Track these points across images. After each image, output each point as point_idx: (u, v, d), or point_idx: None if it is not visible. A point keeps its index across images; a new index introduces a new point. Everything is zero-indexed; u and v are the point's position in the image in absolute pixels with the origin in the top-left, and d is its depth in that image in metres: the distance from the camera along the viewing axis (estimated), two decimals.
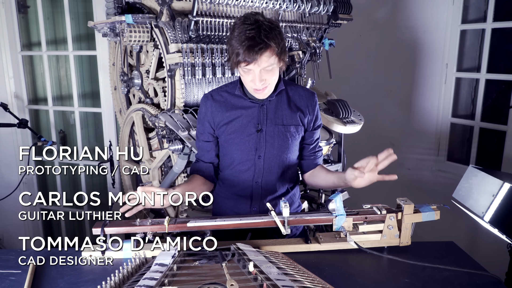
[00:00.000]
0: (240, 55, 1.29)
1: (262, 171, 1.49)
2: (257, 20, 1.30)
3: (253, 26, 1.29)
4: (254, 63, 1.30)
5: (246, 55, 1.28)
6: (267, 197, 1.51)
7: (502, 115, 2.71)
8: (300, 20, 2.32)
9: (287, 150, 1.50)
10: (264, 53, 1.29)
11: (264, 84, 1.37)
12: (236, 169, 1.51)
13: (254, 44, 1.27)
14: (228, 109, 1.48)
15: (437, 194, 2.91)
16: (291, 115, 1.49)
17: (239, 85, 1.47)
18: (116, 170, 2.85)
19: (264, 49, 1.29)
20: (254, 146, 1.47)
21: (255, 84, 1.37)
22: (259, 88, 1.38)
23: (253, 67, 1.32)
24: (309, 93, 1.55)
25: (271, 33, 1.30)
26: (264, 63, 1.31)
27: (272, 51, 1.31)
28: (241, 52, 1.29)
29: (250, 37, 1.27)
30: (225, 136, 1.49)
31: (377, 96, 3.34)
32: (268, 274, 0.94)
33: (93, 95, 3.25)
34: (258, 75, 1.34)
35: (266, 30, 1.29)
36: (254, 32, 1.28)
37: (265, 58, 1.30)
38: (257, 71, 1.33)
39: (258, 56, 1.28)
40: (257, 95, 1.43)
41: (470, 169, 1.41)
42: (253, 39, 1.27)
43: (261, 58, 1.29)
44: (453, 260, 1.27)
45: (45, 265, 1.24)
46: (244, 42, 1.28)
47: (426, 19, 2.98)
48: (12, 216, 3.20)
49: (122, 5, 2.06)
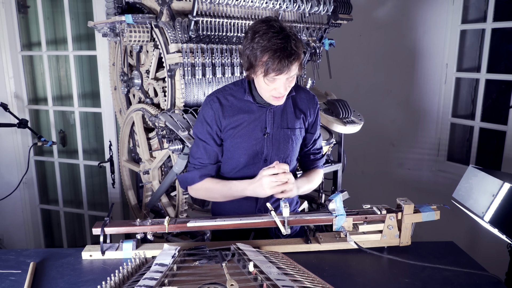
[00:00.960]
0: (271, 65, 1.26)
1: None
2: (282, 28, 1.27)
3: (281, 35, 1.25)
4: (284, 73, 1.28)
5: (278, 66, 1.25)
6: (272, 199, 1.52)
7: (502, 115, 2.71)
8: (300, 20, 2.32)
9: (292, 153, 1.52)
10: (295, 63, 1.28)
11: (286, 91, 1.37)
12: (241, 172, 1.50)
13: (288, 55, 1.24)
14: (235, 114, 1.45)
15: (437, 194, 2.91)
16: (295, 117, 1.51)
17: (248, 90, 1.44)
18: (116, 170, 2.85)
19: (296, 59, 1.28)
20: (261, 150, 1.47)
21: (278, 93, 1.34)
22: (282, 95, 1.37)
23: (281, 77, 1.30)
24: (310, 95, 1.57)
25: (298, 41, 1.28)
26: (293, 72, 1.30)
27: (300, 59, 1.30)
28: (274, 63, 1.25)
29: (281, 48, 1.24)
30: (231, 140, 1.47)
31: (377, 96, 3.34)
32: (268, 274, 0.95)
33: (93, 95, 3.25)
34: (284, 84, 1.33)
35: (294, 39, 1.27)
36: (284, 41, 1.24)
37: (294, 68, 1.30)
38: (283, 79, 1.32)
39: (291, 65, 1.27)
40: (275, 102, 1.40)
41: (470, 169, 1.41)
42: (285, 50, 1.24)
43: (291, 68, 1.28)
44: (453, 260, 1.27)
45: (45, 265, 1.24)
46: (276, 53, 1.24)
47: (426, 19, 2.99)
48: (12, 216, 3.21)
49: (122, 5, 2.06)
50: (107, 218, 1.30)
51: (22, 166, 3.12)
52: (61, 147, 3.31)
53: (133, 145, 2.40)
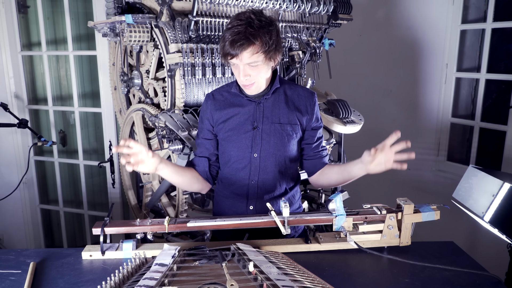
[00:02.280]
0: (224, 47, 1.34)
1: (258, 169, 1.50)
2: (249, 17, 1.33)
3: (243, 21, 1.32)
4: (236, 58, 1.34)
5: (229, 48, 1.33)
6: (264, 197, 1.51)
7: (502, 115, 2.71)
8: (300, 20, 2.32)
9: (283, 149, 1.50)
10: (246, 49, 1.32)
11: (249, 80, 1.40)
12: (233, 167, 1.52)
13: (237, 39, 1.31)
14: (226, 107, 1.51)
15: (437, 194, 2.91)
16: (288, 114, 1.50)
17: (235, 83, 1.51)
18: (116, 170, 2.85)
19: (246, 45, 1.31)
20: (250, 144, 1.48)
21: (239, 79, 1.41)
22: (244, 83, 1.41)
23: (236, 61, 1.36)
24: (309, 93, 1.55)
25: (259, 30, 1.32)
26: (247, 59, 1.34)
27: (255, 48, 1.33)
28: (225, 45, 1.33)
29: (236, 32, 1.31)
30: (223, 134, 1.51)
31: (377, 96, 3.34)
32: (268, 274, 0.94)
33: (93, 95, 3.25)
34: (242, 70, 1.37)
35: (254, 27, 1.31)
36: (241, 27, 1.31)
37: (246, 54, 1.33)
38: (241, 66, 1.36)
39: (239, 51, 1.32)
40: (246, 90, 1.47)
41: (470, 169, 1.41)
42: (237, 34, 1.31)
43: (242, 53, 1.33)
44: (453, 260, 1.27)
45: (45, 265, 1.24)
46: (229, 36, 1.32)
47: (426, 19, 2.98)
48: (12, 216, 3.21)
49: (122, 5, 2.06)
50: (107, 218, 1.30)
51: (22, 166, 3.12)
52: (61, 147, 3.31)
53: None
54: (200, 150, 1.58)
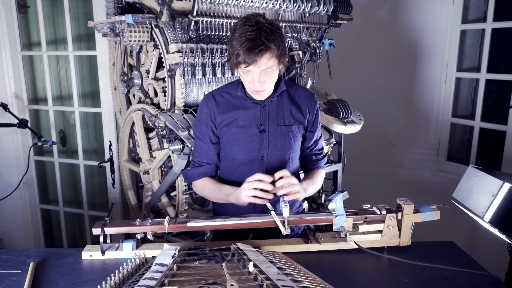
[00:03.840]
0: (240, 56, 1.29)
1: (265, 172, 1.49)
2: (258, 21, 1.30)
3: (254, 27, 1.28)
4: (254, 65, 1.30)
5: (246, 57, 1.28)
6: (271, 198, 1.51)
7: (502, 115, 2.71)
8: (300, 20, 2.32)
9: (290, 150, 1.51)
10: (264, 55, 1.29)
11: (263, 86, 1.37)
12: (238, 170, 1.51)
13: (255, 45, 1.27)
14: (229, 110, 1.48)
15: (437, 194, 2.91)
16: (292, 114, 1.50)
17: (240, 86, 1.47)
18: (116, 170, 2.86)
19: (264, 51, 1.29)
20: (257, 147, 1.47)
21: (254, 86, 1.37)
22: (258, 89, 1.38)
23: (252, 69, 1.32)
24: (309, 93, 1.56)
25: (272, 35, 1.29)
26: (264, 65, 1.31)
27: (272, 53, 1.31)
28: (241, 53, 1.29)
29: (250, 39, 1.27)
30: (227, 137, 1.49)
31: (377, 96, 3.34)
32: (268, 274, 0.94)
33: (93, 95, 3.25)
34: (258, 77, 1.34)
35: (267, 32, 1.29)
36: (255, 33, 1.27)
37: (264, 60, 1.30)
38: (256, 72, 1.33)
39: (258, 57, 1.29)
40: (256, 96, 1.44)
41: (470, 169, 1.41)
42: (253, 41, 1.27)
43: (261, 60, 1.29)
44: (453, 260, 1.27)
45: (45, 265, 1.24)
46: (244, 44, 1.28)
47: (426, 19, 2.99)
48: (12, 216, 3.21)
49: (122, 5, 2.05)
50: (107, 218, 1.30)
51: (22, 166, 3.12)
52: (61, 147, 3.31)
53: (133, 145, 2.40)
54: (209, 157, 1.54)
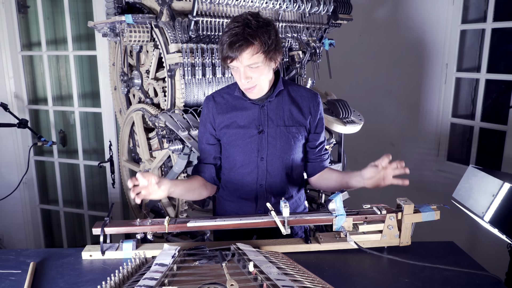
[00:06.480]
0: (223, 51, 1.32)
1: (266, 173, 1.48)
2: (246, 18, 1.31)
3: (240, 23, 1.30)
4: (236, 60, 1.31)
5: (227, 51, 1.30)
6: (273, 200, 1.51)
7: (502, 115, 2.71)
8: (300, 20, 2.32)
9: (290, 152, 1.49)
10: (246, 50, 1.29)
11: (250, 82, 1.37)
12: (239, 171, 1.50)
13: (236, 40, 1.28)
14: (229, 111, 1.48)
15: (437, 194, 2.91)
16: (292, 115, 1.48)
17: (238, 86, 1.47)
18: (116, 170, 2.86)
19: (245, 46, 1.29)
20: (256, 148, 1.46)
21: (240, 82, 1.38)
22: (246, 86, 1.38)
23: (236, 64, 1.33)
24: (312, 93, 1.53)
25: (257, 31, 1.29)
26: (247, 60, 1.31)
27: (255, 48, 1.30)
28: (224, 48, 1.31)
29: (233, 34, 1.29)
30: (227, 138, 1.48)
31: (377, 96, 3.34)
32: (268, 274, 0.94)
33: (93, 95, 3.25)
34: (243, 73, 1.34)
35: (252, 28, 1.29)
36: (238, 29, 1.29)
37: (246, 56, 1.30)
38: (241, 68, 1.34)
39: (239, 52, 1.29)
40: (248, 94, 1.43)
41: (470, 169, 1.41)
42: (235, 36, 1.28)
43: (241, 55, 1.30)
44: (453, 260, 1.27)
45: (45, 265, 1.24)
46: (227, 39, 1.29)
47: (426, 19, 2.98)
48: (12, 216, 3.21)
49: (122, 5, 2.06)
50: (107, 218, 1.30)
51: (22, 166, 3.12)
52: (61, 147, 3.31)
53: (133, 145, 2.40)
54: (204, 157, 1.55)
